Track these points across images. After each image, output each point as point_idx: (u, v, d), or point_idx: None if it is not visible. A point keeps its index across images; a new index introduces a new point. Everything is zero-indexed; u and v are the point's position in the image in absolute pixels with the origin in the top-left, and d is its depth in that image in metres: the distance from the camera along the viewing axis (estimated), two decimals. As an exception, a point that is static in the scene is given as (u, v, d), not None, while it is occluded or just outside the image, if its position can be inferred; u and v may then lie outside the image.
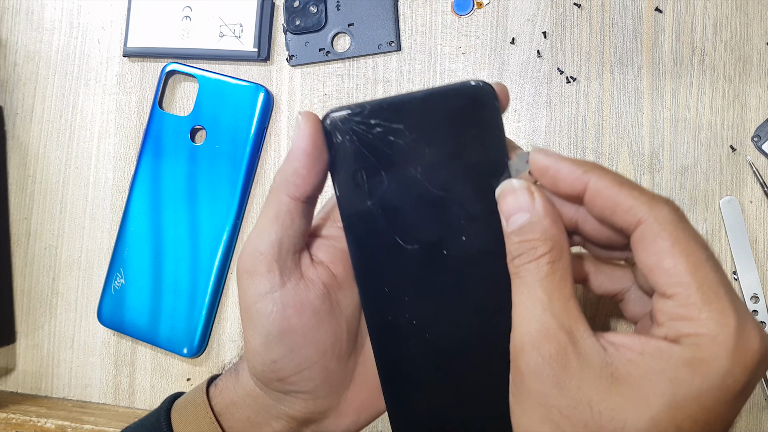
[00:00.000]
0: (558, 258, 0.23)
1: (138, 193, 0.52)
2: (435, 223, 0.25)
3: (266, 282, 0.26)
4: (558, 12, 0.47)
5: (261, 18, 0.51)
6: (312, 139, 0.25)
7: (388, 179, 0.25)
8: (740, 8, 0.44)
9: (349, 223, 0.26)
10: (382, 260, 0.26)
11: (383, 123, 0.24)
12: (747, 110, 0.44)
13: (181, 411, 0.30)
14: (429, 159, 0.25)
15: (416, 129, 0.25)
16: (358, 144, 0.25)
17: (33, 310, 0.56)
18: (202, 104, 0.51)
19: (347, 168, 0.25)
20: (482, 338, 0.26)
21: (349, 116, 0.25)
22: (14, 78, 0.57)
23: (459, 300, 0.26)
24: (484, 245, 0.25)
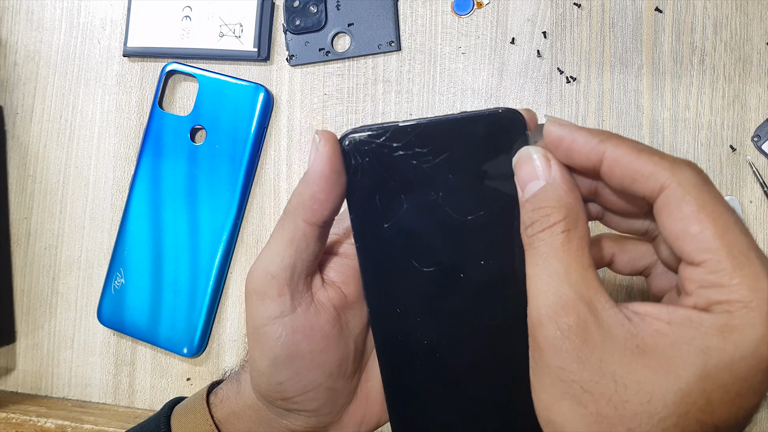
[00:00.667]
0: (573, 226, 0.22)
1: (138, 193, 0.52)
2: (453, 247, 0.25)
3: (277, 306, 0.26)
4: (558, 12, 0.47)
5: (261, 18, 0.51)
6: (330, 162, 0.24)
7: (408, 203, 0.25)
8: (740, 8, 0.44)
9: (363, 244, 0.25)
10: (395, 282, 0.26)
11: (406, 147, 0.24)
12: (747, 110, 0.44)
13: (181, 417, 0.30)
14: (451, 184, 0.24)
15: (440, 154, 0.24)
16: (378, 166, 0.24)
17: (33, 310, 0.56)
18: (202, 104, 0.51)
19: (365, 190, 0.25)
20: (495, 362, 0.26)
21: (370, 138, 0.24)
22: (14, 78, 0.57)
23: (473, 323, 0.26)
24: (503, 270, 0.25)
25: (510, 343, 0.26)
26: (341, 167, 0.24)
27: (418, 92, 0.49)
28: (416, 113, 0.49)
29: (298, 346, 0.26)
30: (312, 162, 0.24)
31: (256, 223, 0.52)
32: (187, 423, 0.30)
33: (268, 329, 0.26)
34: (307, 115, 0.51)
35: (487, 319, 0.26)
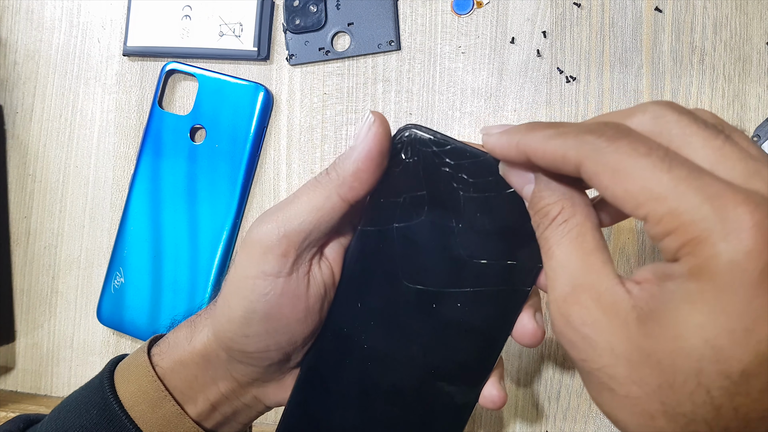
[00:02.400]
0: (571, 215, 0.22)
1: (138, 192, 0.52)
2: (443, 279, 0.25)
3: (276, 264, 0.26)
4: (558, 11, 0.47)
5: (261, 17, 0.51)
6: (381, 144, 0.24)
7: (427, 216, 0.25)
8: (740, 8, 0.44)
9: (365, 232, 0.26)
10: (373, 279, 0.26)
11: (457, 168, 0.24)
12: (747, 110, 0.44)
13: (123, 372, 0.30)
14: (475, 223, 0.24)
15: (482, 191, 0.24)
16: (421, 170, 0.24)
17: (32, 309, 0.56)
18: (201, 103, 0.51)
19: (396, 184, 0.25)
20: (417, 394, 0.27)
21: (430, 142, 0.24)
22: (14, 77, 0.57)
23: (418, 351, 0.26)
24: (470, 321, 0.25)
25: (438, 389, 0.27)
26: (388, 152, 0.24)
27: (418, 92, 0.49)
28: (416, 113, 0.49)
29: (280, 309, 0.26)
30: (362, 139, 0.24)
31: (256, 223, 0.52)
32: (129, 376, 0.30)
33: (258, 282, 0.26)
34: (307, 114, 0.51)
35: (430, 357, 0.26)
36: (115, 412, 0.29)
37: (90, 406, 0.29)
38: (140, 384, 0.29)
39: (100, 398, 0.29)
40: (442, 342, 0.26)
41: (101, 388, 0.30)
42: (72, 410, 0.30)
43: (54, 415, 0.31)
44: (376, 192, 0.25)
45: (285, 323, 0.27)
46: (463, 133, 0.48)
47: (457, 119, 0.48)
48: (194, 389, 0.29)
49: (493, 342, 0.26)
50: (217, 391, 0.29)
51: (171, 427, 0.29)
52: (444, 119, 0.49)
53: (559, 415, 0.46)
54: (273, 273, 0.26)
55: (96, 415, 0.29)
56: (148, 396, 0.29)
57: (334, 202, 0.25)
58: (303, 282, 0.26)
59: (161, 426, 0.29)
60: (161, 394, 0.29)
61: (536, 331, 0.27)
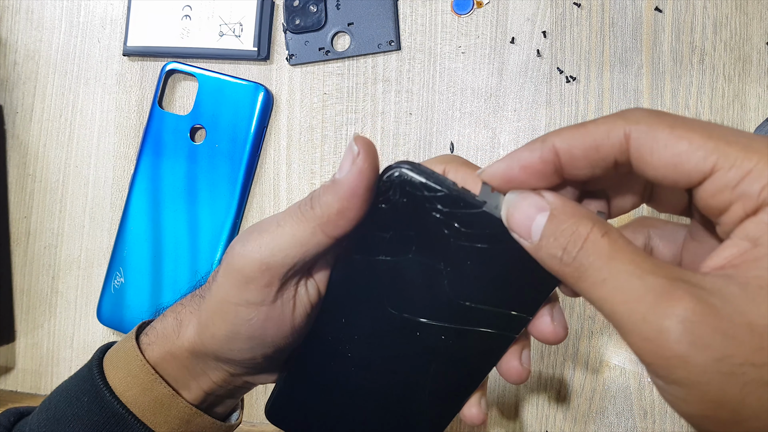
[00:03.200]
0: (608, 229, 0.19)
1: (137, 192, 0.52)
2: (428, 313, 0.25)
3: (259, 295, 0.25)
4: (558, 11, 0.47)
5: (261, 17, 0.51)
6: (367, 180, 0.23)
7: (413, 255, 0.24)
8: (740, 8, 0.44)
9: (350, 259, 0.25)
10: (358, 303, 0.26)
11: (449, 216, 0.22)
12: (747, 110, 0.44)
13: (112, 358, 0.30)
14: (464, 269, 0.23)
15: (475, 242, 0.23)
16: (409, 212, 0.23)
17: (32, 309, 0.56)
18: (201, 103, 0.51)
19: (382, 221, 0.23)
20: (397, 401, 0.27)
21: (421, 186, 0.22)
22: (14, 77, 0.57)
23: (399, 368, 0.26)
24: (453, 353, 0.25)
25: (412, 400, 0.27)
26: (374, 186, 0.23)
27: (418, 91, 0.49)
28: (416, 113, 0.49)
29: (265, 332, 0.26)
30: (347, 174, 0.23)
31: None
32: (118, 362, 0.30)
33: (241, 310, 0.25)
34: (307, 114, 0.51)
35: (411, 376, 0.26)
36: (106, 398, 0.28)
37: (81, 393, 0.29)
38: (130, 369, 0.29)
39: (91, 385, 0.29)
40: (422, 365, 0.26)
41: (91, 376, 0.29)
42: (63, 400, 0.30)
43: (44, 406, 0.31)
44: (362, 222, 0.24)
45: (270, 341, 0.27)
46: (463, 133, 0.48)
47: (457, 119, 0.48)
48: (186, 378, 0.30)
49: (476, 373, 0.26)
50: (208, 380, 0.30)
51: (164, 409, 0.29)
52: (444, 119, 0.49)
53: (559, 415, 0.46)
54: (256, 302, 0.25)
55: (87, 402, 0.29)
56: (139, 380, 0.29)
57: (319, 239, 0.24)
58: (288, 306, 0.26)
59: (154, 409, 0.29)
60: (152, 377, 0.29)
61: (521, 372, 0.26)
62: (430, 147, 0.49)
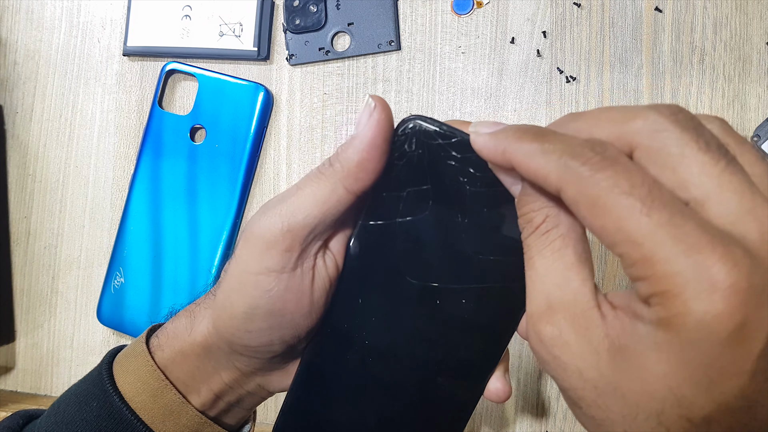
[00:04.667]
0: (554, 225, 0.21)
1: (138, 192, 0.52)
2: (447, 276, 0.24)
3: (280, 260, 0.25)
4: (558, 11, 0.47)
5: (261, 17, 0.51)
6: (385, 132, 0.23)
7: (431, 211, 0.24)
8: (740, 8, 0.44)
9: (366, 227, 0.25)
10: (374, 275, 0.25)
11: (464, 161, 0.23)
12: (747, 110, 0.44)
13: (122, 362, 0.30)
14: (482, 218, 0.23)
15: (490, 186, 0.23)
16: (425, 163, 0.23)
17: (32, 309, 0.56)
18: (201, 103, 0.51)
19: (398, 177, 0.24)
20: (419, 389, 0.27)
21: (436, 134, 0.23)
22: (14, 77, 0.57)
23: (420, 348, 0.26)
24: (475, 317, 0.25)
25: (437, 385, 0.26)
26: (390, 139, 0.23)
27: (418, 92, 0.49)
28: (416, 112, 0.49)
29: (285, 305, 0.26)
30: (364, 127, 0.23)
31: (256, 223, 0.52)
32: (128, 367, 0.29)
33: (261, 279, 0.25)
34: (307, 114, 0.51)
35: (433, 353, 0.26)
36: (115, 404, 0.28)
37: (90, 398, 0.29)
38: (140, 374, 0.29)
39: (100, 390, 0.29)
40: (445, 338, 0.25)
41: (100, 380, 0.29)
42: (72, 403, 0.30)
43: (53, 409, 0.31)
44: (378, 185, 0.24)
45: (289, 318, 0.26)
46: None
47: (457, 119, 0.48)
48: (197, 380, 0.29)
49: (498, 337, 0.26)
50: (220, 380, 0.29)
51: (173, 417, 0.29)
52: (444, 119, 0.48)
53: (559, 415, 0.46)
54: (277, 269, 0.25)
55: (96, 407, 0.29)
56: (149, 386, 0.29)
57: (339, 195, 0.24)
58: (308, 276, 0.26)
59: (163, 416, 0.29)
60: (162, 384, 0.29)
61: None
62: (430, 147, 0.49)
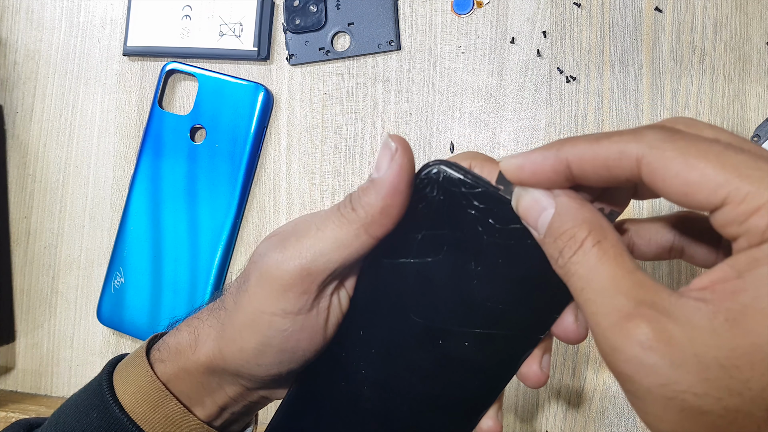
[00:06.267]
0: (603, 237, 0.20)
1: (138, 192, 0.52)
2: (453, 318, 0.24)
3: (297, 303, 0.24)
4: (558, 11, 0.47)
5: (261, 17, 0.51)
6: (408, 176, 0.22)
7: (444, 256, 0.23)
8: (740, 8, 0.44)
9: (377, 263, 0.25)
10: (380, 311, 0.25)
11: (485, 212, 0.23)
12: (747, 110, 0.44)
13: (122, 373, 0.30)
14: (495, 268, 0.23)
15: (509, 238, 0.23)
16: (445, 210, 0.23)
17: (32, 309, 0.56)
18: (201, 103, 0.51)
19: (416, 220, 0.23)
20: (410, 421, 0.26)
21: (460, 182, 0.23)
22: (14, 77, 0.57)
23: (416, 382, 0.26)
24: (476, 360, 0.25)
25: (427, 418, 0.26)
26: (412, 183, 0.23)
27: (418, 91, 0.49)
28: (416, 113, 0.49)
29: (298, 343, 0.25)
30: (386, 171, 0.22)
31: (256, 223, 0.52)
32: (128, 377, 0.29)
33: (276, 320, 0.25)
34: (307, 114, 0.51)
35: (428, 389, 0.26)
36: (115, 415, 0.28)
37: (90, 408, 0.29)
38: (140, 385, 0.29)
39: (100, 401, 0.29)
40: (442, 377, 0.25)
41: (100, 390, 0.29)
42: (71, 414, 0.30)
43: (54, 419, 0.30)
44: (397, 225, 0.24)
45: (301, 354, 0.26)
46: (463, 133, 0.48)
47: (457, 119, 0.48)
48: (201, 394, 0.29)
49: (497, 381, 0.26)
50: (224, 395, 0.29)
51: (175, 427, 0.29)
52: (444, 119, 0.49)
53: (559, 415, 0.46)
54: (293, 311, 0.25)
55: (96, 418, 0.29)
56: (149, 396, 0.29)
57: (363, 241, 0.24)
58: (323, 315, 0.25)
59: (164, 426, 0.29)
60: (162, 394, 0.29)
61: (540, 377, 0.26)
62: (430, 147, 0.49)
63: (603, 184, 0.21)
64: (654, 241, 0.25)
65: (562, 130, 0.47)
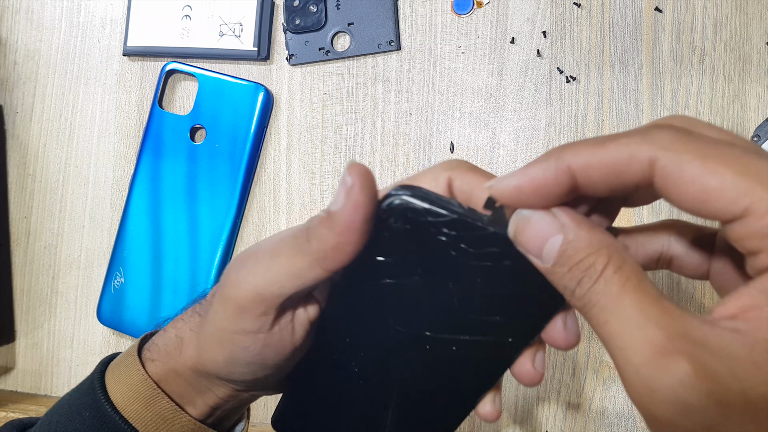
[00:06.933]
0: (623, 262, 0.18)
1: (138, 192, 0.52)
2: (437, 327, 0.24)
3: (255, 323, 0.24)
4: (558, 11, 0.47)
5: (261, 17, 0.51)
6: (364, 213, 0.21)
7: (419, 277, 0.23)
8: (740, 8, 0.44)
9: (353, 280, 0.24)
10: (362, 323, 0.25)
11: (455, 239, 0.21)
12: (747, 110, 0.44)
13: (114, 371, 0.30)
14: (474, 288, 0.22)
15: (484, 260, 0.22)
16: (413, 238, 0.22)
17: (32, 309, 0.56)
18: (201, 103, 0.51)
19: (384, 247, 0.22)
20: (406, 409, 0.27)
21: (425, 212, 0.21)
22: (14, 77, 0.57)
23: (408, 378, 0.26)
24: (465, 361, 0.25)
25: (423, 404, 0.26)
26: (371, 217, 0.21)
27: (418, 92, 0.49)
28: (416, 113, 0.49)
29: (265, 358, 0.25)
30: (341, 208, 0.21)
31: (256, 223, 0.52)
32: (120, 376, 0.29)
33: (237, 338, 0.25)
34: (307, 114, 0.51)
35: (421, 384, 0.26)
36: (107, 413, 0.28)
37: (82, 408, 0.29)
38: (131, 383, 0.29)
39: (92, 400, 0.29)
40: (433, 374, 0.26)
41: (92, 389, 0.29)
42: (64, 414, 0.30)
43: (46, 419, 0.30)
44: (364, 249, 0.23)
45: (271, 364, 0.26)
46: (463, 133, 0.48)
47: (457, 119, 0.48)
48: (192, 394, 0.29)
49: (488, 377, 0.26)
50: (214, 396, 0.29)
51: (167, 424, 0.29)
52: (444, 119, 0.49)
53: (559, 415, 0.46)
54: (252, 330, 0.24)
55: (89, 417, 0.29)
56: (141, 395, 0.29)
57: (316, 273, 0.23)
58: (287, 330, 0.25)
59: (157, 424, 0.29)
60: (154, 392, 0.29)
61: (534, 376, 0.25)
62: (430, 147, 0.49)
63: (609, 192, 0.19)
64: (641, 251, 0.24)
65: (562, 130, 0.47)
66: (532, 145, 0.47)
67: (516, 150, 0.48)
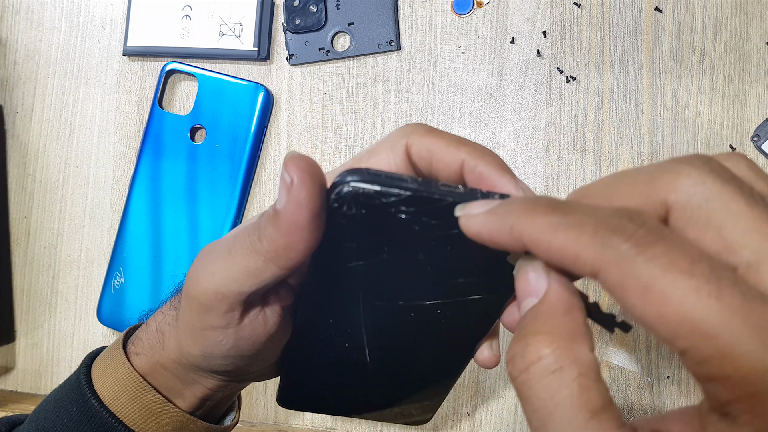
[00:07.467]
0: (569, 362, 0.16)
1: (138, 192, 0.52)
2: (417, 295, 0.24)
3: (222, 320, 0.24)
4: (558, 11, 0.47)
5: (261, 17, 0.51)
6: (310, 211, 0.20)
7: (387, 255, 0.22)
8: (740, 8, 0.44)
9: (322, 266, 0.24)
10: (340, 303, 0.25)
11: (416, 214, 0.21)
12: (747, 110, 0.44)
13: (99, 366, 0.30)
14: (445, 254, 0.22)
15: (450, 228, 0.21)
16: (372, 221, 0.21)
17: (32, 309, 0.56)
18: (201, 103, 0.51)
19: (345, 234, 0.22)
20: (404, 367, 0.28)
21: (377, 194, 0.20)
22: (14, 77, 0.57)
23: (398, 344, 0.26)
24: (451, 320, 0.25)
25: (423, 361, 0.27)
26: (322, 209, 0.20)
27: (418, 92, 0.49)
28: (416, 113, 0.49)
29: (240, 350, 0.25)
30: (286, 207, 0.20)
31: (256, 223, 0.52)
32: (105, 370, 0.29)
33: (208, 334, 0.24)
34: (307, 114, 0.51)
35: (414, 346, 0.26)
36: (94, 408, 0.28)
37: (69, 403, 0.29)
38: (117, 377, 0.29)
39: (78, 395, 0.29)
40: (425, 337, 0.26)
41: (78, 385, 0.29)
42: (51, 410, 0.30)
43: (34, 416, 0.30)
44: (324, 238, 0.22)
45: (248, 353, 0.26)
46: (463, 133, 0.48)
47: (457, 119, 0.48)
48: (180, 387, 0.29)
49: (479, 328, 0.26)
50: (202, 387, 0.29)
51: (155, 417, 0.29)
52: (444, 119, 0.49)
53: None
54: (221, 326, 0.24)
55: (76, 412, 0.29)
56: (127, 388, 0.29)
57: (273, 271, 0.22)
58: (258, 321, 0.25)
59: (144, 417, 0.29)
60: (140, 385, 0.29)
61: (491, 358, 0.26)
62: (430, 147, 0.49)
63: None
64: None
65: (562, 130, 0.47)
66: (532, 145, 0.47)
67: (516, 150, 0.48)
